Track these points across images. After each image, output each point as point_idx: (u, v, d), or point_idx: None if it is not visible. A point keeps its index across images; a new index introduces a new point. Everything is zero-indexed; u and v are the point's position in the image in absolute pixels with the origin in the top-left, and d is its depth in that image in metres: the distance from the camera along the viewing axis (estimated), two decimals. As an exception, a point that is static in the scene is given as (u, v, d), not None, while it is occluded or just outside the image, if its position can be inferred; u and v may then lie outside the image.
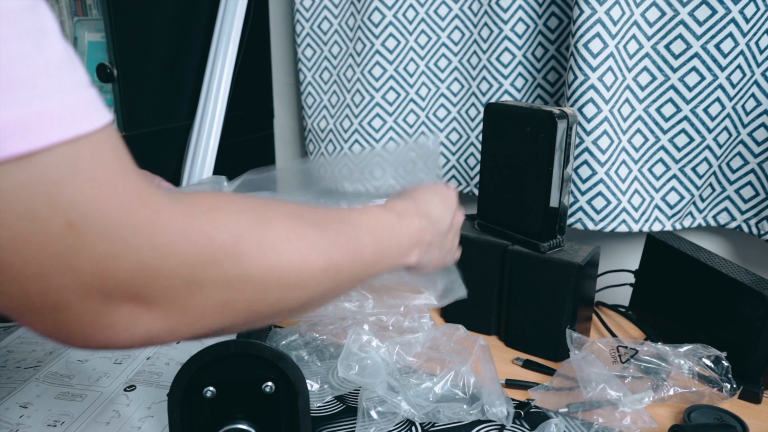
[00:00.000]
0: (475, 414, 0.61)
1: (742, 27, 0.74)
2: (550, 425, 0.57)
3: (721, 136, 0.80)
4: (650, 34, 0.79)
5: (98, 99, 0.29)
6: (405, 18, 0.97)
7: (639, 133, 0.84)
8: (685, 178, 0.84)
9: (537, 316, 0.74)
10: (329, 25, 1.04)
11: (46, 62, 0.27)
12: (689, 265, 0.75)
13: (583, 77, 0.79)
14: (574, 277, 0.70)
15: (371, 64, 0.99)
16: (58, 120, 0.27)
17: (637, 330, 0.82)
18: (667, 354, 0.66)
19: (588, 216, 0.85)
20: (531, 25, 0.89)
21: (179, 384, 0.51)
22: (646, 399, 0.62)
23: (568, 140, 0.69)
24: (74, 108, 0.28)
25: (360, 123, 1.02)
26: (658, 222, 0.86)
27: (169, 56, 0.96)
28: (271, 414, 0.53)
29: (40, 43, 0.27)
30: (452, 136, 1.01)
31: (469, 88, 0.97)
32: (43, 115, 0.26)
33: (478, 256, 0.78)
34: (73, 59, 0.29)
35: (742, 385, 0.64)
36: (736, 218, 0.85)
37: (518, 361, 0.73)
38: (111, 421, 0.60)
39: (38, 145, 0.26)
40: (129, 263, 0.29)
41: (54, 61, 0.27)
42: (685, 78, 0.79)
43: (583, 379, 0.62)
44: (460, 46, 0.97)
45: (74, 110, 0.28)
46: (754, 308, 0.66)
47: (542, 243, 0.72)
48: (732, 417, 0.61)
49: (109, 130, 0.30)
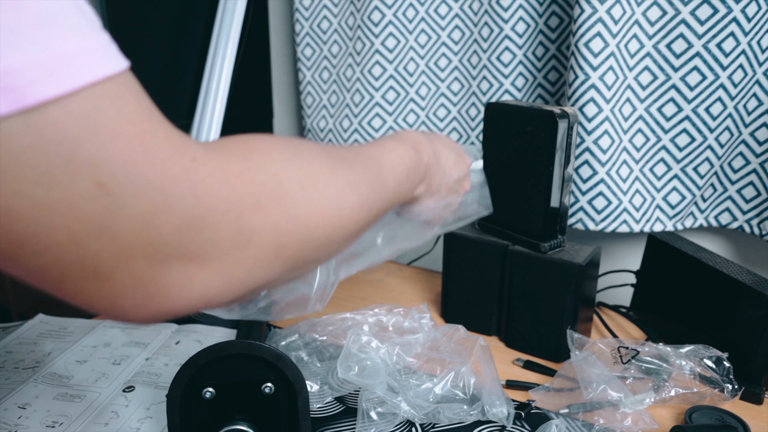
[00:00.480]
0: (476, 414, 0.60)
1: (743, 26, 0.74)
2: (551, 426, 0.57)
3: (722, 135, 0.80)
4: (651, 34, 0.79)
5: (112, 43, 0.27)
6: (405, 17, 0.96)
7: (640, 133, 0.84)
8: (686, 178, 0.84)
9: (538, 316, 0.73)
10: (329, 24, 1.03)
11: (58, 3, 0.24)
12: (690, 266, 0.75)
13: (584, 77, 0.79)
14: (575, 277, 0.70)
15: (371, 63, 0.98)
16: (69, 65, 0.24)
17: (638, 330, 0.82)
18: (668, 355, 0.66)
19: (589, 216, 0.85)
20: (531, 25, 0.88)
21: (178, 385, 0.51)
22: (648, 400, 0.62)
23: (569, 140, 0.69)
24: (88, 51, 0.25)
25: (360, 123, 1.02)
26: (660, 222, 0.86)
27: (169, 55, 0.96)
28: (271, 415, 0.53)
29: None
30: (452, 136, 1.01)
31: (470, 88, 0.97)
32: (50, 59, 0.23)
33: (479, 256, 0.77)
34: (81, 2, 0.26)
35: (743, 385, 0.64)
36: (737, 218, 0.85)
37: (519, 361, 0.73)
38: (110, 422, 0.59)
39: (48, 94, 0.23)
40: (172, 217, 0.27)
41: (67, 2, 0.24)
42: (686, 77, 0.79)
43: (584, 380, 0.62)
44: (461, 45, 0.96)
45: (88, 54, 0.24)
46: (755, 309, 0.65)
47: (543, 243, 0.72)
48: (733, 418, 0.61)
49: (128, 77, 0.27)
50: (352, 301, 0.90)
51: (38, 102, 0.22)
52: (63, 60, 0.23)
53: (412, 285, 0.96)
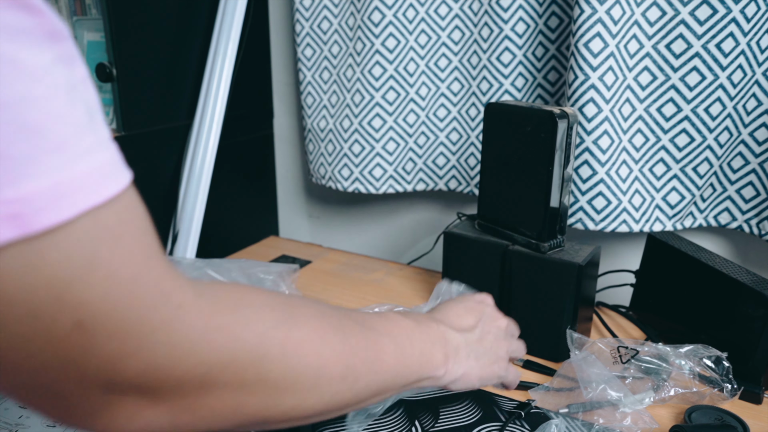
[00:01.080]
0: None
1: (743, 26, 0.74)
2: (551, 426, 0.57)
3: (722, 135, 0.80)
4: (651, 34, 0.79)
5: (118, 154, 0.27)
6: (405, 17, 0.96)
7: (640, 133, 0.84)
8: (685, 178, 0.84)
9: (537, 316, 0.73)
10: (329, 24, 1.03)
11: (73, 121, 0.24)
12: (690, 266, 0.75)
13: (584, 77, 0.79)
14: (575, 277, 0.70)
15: (371, 63, 0.99)
16: (77, 189, 0.23)
17: (638, 330, 0.82)
18: (667, 354, 0.66)
19: (588, 216, 0.85)
20: (531, 25, 0.88)
21: (178, 385, 0.50)
22: (647, 399, 0.62)
23: (569, 140, 0.69)
24: (94, 172, 0.24)
25: (360, 123, 1.02)
26: (659, 222, 0.86)
27: (169, 56, 0.96)
28: (271, 415, 0.53)
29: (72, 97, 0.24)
30: (452, 136, 1.01)
31: (470, 88, 0.97)
32: (60, 185, 0.23)
33: (478, 256, 0.78)
34: (96, 110, 0.25)
35: (743, 385, 0.64)
36: (737, 218, 0.85)
37: (519, 361, 0.73)
38: (110, 421, 0.59)
39: (54, 220, 0.23)
40: (140, 363, 0.27)
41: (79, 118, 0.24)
42: (685, 78, 0.79)
43: (583, 380, 0.62)
44: (461, 45, 0.96)
45: (93, 175, 0.24)
46: (754, 308, 0.65)
47: (543, 243, 0.72)
48: (733, 417, 0.61)
49: (131, 195, 0.27)
50: (353, 300, 0.90)
51: (43, 229, 0.22)
52: (72, 184, 0.23)
53: (412, 285, 0.96)
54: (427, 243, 1.11)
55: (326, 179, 1.08)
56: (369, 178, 1.05)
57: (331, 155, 1.07)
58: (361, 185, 1.05)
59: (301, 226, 1.28)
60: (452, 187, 1.04)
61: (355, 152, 1.04)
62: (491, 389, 0.67)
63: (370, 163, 1.04)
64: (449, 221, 0.96)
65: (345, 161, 1.05)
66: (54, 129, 0.23)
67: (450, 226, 0.83)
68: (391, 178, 1.05)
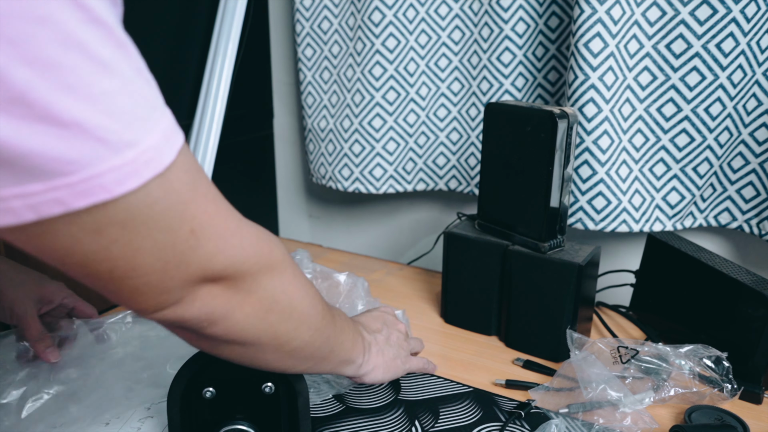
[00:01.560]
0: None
1: (743, 26, 0.74)
2: (551, 426, 0.57)
3: (722, 135, 0.80)
4: (651, 34, 0.79)
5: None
6: (405, 17, 0.96)
7: (640, 133, 0.84)
8: (685, 178, 0.84)
9: (537, 316, 0.73)
10: (329, 24, 1.03)
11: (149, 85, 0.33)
12: (690, 266, 0.75)
13: (584, 77, 0.79)
14: (575, 277, 0.70)
15: (371, 63, 0.99)
16: (172, 135, 0.33)
17: (638, 330, 0.82)
18: (667, 354, 0.66)
19: (588, 216, 0.85)
20: (531, 25, 0.88)
21: (179, 384, 0.51)
22: (647, 399, 0.62)
23: (569, 140, 0.69)
24: (174, 125, 0.33)
25: (360, 123, 1.02)
26: (659, 222, 0.86)
27: (169, 56, 0.96)
28: (271, 415, 0.53)
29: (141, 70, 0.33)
30: (452, 136, 1.01)
31: (470, 88, 0.97)
32: (165, 134, 0.32)
33: (478, 256, 0.78)
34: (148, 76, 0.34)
35: (742, 385, 0.64)
36: (737, 218, 0.85)
37: (518, 361, 0.73)
38: (111, 421, 0.60)
39: (168, 160, 0.32)
40: (226, 259, 0.38)
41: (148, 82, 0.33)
42: (685, 78, 0.79)
43: (583, 380, 0.62)
44: (461, 45, 0.96)
45: (174, 126, 0.33)
46: (754, 308, 0.65)
47: (542, 243, 0.72)
48: (733, 417, 0.61)
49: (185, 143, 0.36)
50: (352, 300, 0.90)
51: (166, 166, 0.31)
52: (172, 133, 0.33)
53: (412, 285, 0.96)
54: (427, 243, 1.11)
55: (326, 179, 1.08)
56: (369, 178, 1.05)
57: (331, 155, 1.07)
58: (362, 185, 1.05)
59: (301, 226, 1.28)
60: (452, 187, 1.04)
61: (356, 152, 1.04)
62: (491, 389, 0.67)
63: (371, 163, 1.04)
64: (449, 221, 0.96)
65: (345, 161, 1.05)
66: (156, 94, 0.33)
67: (450, 226, 0.83)
68: (392, 178, 1.05)
